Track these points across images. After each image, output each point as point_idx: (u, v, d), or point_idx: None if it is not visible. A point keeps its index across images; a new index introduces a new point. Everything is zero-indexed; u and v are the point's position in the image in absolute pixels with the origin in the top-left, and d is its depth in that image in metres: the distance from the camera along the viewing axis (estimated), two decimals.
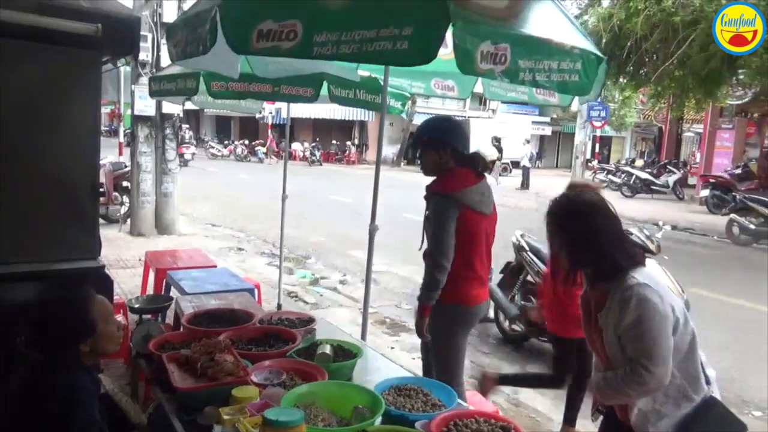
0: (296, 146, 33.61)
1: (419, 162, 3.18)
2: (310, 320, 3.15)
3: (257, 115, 33.01)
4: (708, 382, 2.10)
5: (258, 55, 3.16)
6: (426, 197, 3.01)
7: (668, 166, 21.13)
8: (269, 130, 32.17)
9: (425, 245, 3.05)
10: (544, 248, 5.10)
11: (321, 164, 30.08)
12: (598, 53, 2.59)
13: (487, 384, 3.67)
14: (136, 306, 2.83)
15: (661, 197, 19.30)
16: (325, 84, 4.21)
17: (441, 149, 2.99)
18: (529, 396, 4.40)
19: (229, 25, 2.12)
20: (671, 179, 19.58)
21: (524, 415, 4.10)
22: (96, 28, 2.67)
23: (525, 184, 21.09)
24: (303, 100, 4.31)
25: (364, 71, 4.39)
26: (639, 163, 24.97)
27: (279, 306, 5.42)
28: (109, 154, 11.99)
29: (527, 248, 5.16)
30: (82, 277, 3.15)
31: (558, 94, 3.33)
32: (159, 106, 8.82)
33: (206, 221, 11.37)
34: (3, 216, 2.98)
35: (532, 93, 3.78)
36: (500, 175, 22.89)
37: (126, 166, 9.70)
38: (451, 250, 2.88)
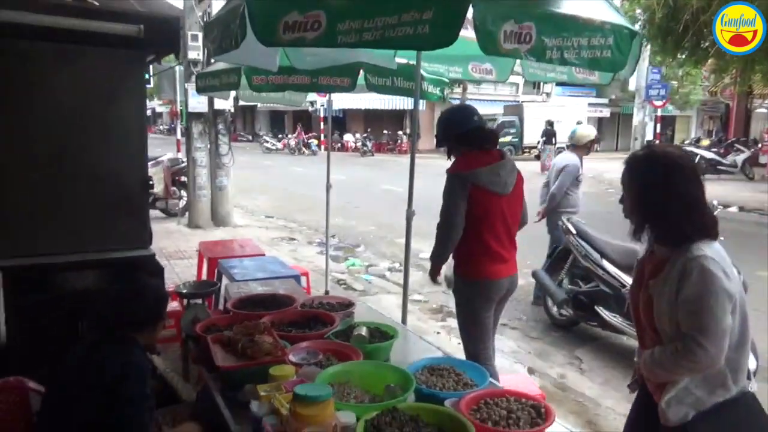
0: (348, 137, 33.97)
1: None
2: (350, 304, 3.23)
3: (309, 108, 33.63)
4: (748, 377, 2.00)
5: (285, 47, 3.27)
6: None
7: (736, 145, 20.01)
8: (321, 123, 32.55)
9: None
10: (592, 231, 5.00)
11: (373, 154, 30.26)
12: (631, 27, 2.52)
13: None
14: (184, 291, 3.00)
15: (728, 178, 18.31)
16: (362, 73, 4.27)
17: (448, 141, 3.24)
18: (576, 380, 4.34)
19: (256, 18, 2.20)
20: (739, 158, 18.55)
21: (571, 399, 4.06)
22: (138, 29, 2.83)
23: None
24: (341, 90, 4.40)
25: (401, 58, 4.41)
26: (704, 142, 23.77)
27: (326, 293, 5.56)
28: (169, 151, 12.54)
29: (574, 231, 5.06)
30: (137, 264, 3.36)
31: (596, 71, 3.28)
32: (211, 103, 9.14)
33: (260, 213, 11.72)
34: (61, 210, 3.22)
35: (571, 72, 3.71)
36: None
37: (183, 162, 10.11)
38: (457, 227, 3.04)
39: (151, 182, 3.43)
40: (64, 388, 2.11)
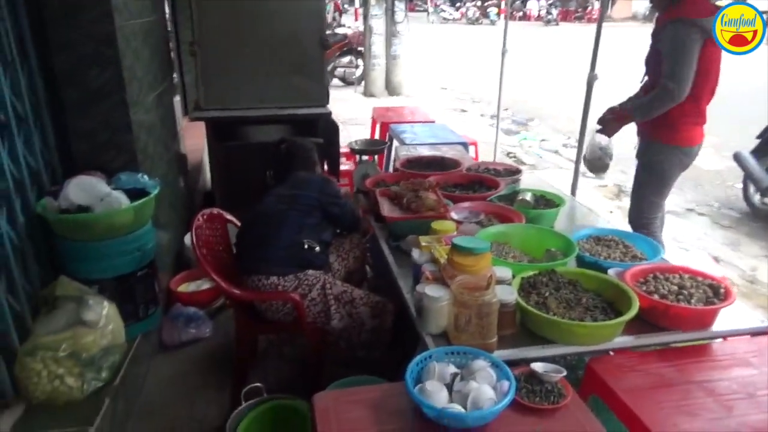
0: (531, 5, 31.29)
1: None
2: (517, 171, 3.16)
3: None
4: None
5: None
6: (658, 29, 2.68)
7: None
8: None
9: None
10: None
11: (557, 24, 27.72)
12: None
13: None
14: (356, 148, 3.14)
15: None
16: None
17: None
18: None
19: None
20: None
21: (761, 294, 3.66)
22: None
23: None
24: None
25: None
26: None
27: None
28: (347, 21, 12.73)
29: None
30: (316, 120, 3.57)
31: None
32: None
33: (433, 84, 11.61)
34: (251, 69, 3.49)
35: None
36: None
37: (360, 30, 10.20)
38: (687, 88, 2.59)
39: (327, 42, 3.50)
40: (271, 214, 2.38)
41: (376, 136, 5.37)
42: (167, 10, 3.81)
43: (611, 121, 2.95)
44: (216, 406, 2.37)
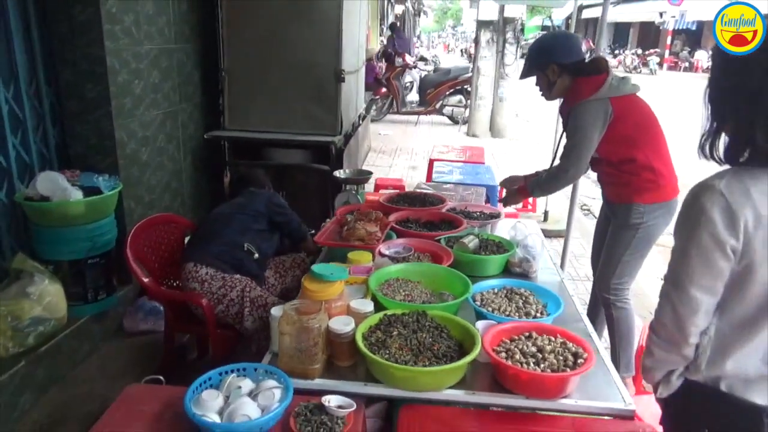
0: (701, 55, 28.78)
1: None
2: (496, 216, 3.06)
3: (656, 21, 29.46)
4: None
5: None
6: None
7: None
8: (669, 37, 28.32)
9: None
10: None
11: None
12: None
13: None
14: (341, 177, 3.25)
15: None
16: None
17: (548, 70, 2.72)
18: None
19: None
20: None
21: None
22: None
23: None
24: None
25: None
26: None
27: (545, 212, 5.22)
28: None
29: None
30: (326, 148, 3.76)
31: None
32: (501, 10, 8.92)
33: (542, 129, 11.21)
34: (268, 95, 3.78)
35: None
36: None
37: (470, 72, 10.25)
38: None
39: (343, 75, 3.67)
40: (222, 214, 2.67)
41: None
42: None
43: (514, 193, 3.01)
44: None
